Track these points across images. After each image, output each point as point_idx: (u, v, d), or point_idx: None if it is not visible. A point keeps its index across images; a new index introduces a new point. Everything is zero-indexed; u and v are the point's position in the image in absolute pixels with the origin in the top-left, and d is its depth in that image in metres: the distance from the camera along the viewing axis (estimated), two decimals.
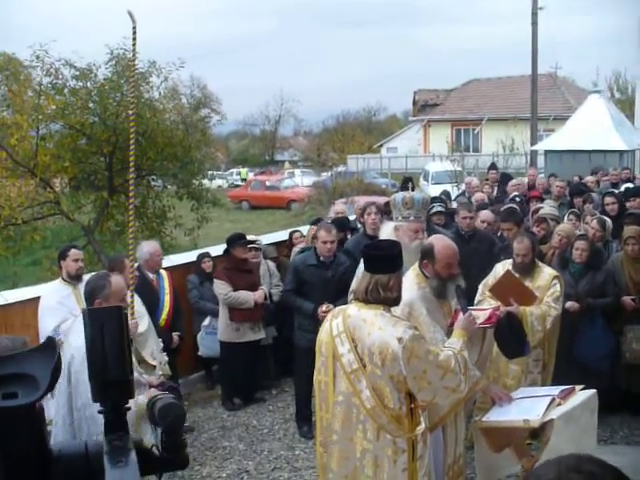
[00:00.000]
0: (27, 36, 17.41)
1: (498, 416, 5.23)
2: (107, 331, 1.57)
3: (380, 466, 4.52)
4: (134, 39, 6.15)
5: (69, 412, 4.91)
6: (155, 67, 15.35)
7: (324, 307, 7.61)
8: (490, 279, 7.04)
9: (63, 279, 7.52)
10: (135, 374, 5.05)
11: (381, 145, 60.01)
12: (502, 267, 7.07)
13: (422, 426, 4.56)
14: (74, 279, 7.36)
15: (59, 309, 7.06)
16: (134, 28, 6.10)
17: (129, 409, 1.60)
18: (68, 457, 1.48)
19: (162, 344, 7.25)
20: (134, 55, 6.55)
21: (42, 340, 4.93)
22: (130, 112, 7.25)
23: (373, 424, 4.49)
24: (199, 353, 9.65)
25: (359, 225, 10.01)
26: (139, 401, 5.00)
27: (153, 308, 7.83)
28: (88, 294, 5.13)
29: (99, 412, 1.59)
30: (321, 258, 8.06)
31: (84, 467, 1.50)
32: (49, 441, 1.44)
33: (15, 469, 1.39)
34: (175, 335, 8.27)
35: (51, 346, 1.49)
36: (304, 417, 8.31)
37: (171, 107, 16.70)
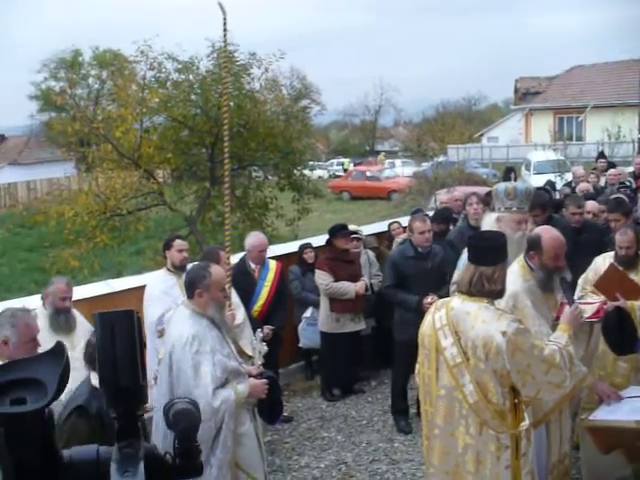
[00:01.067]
0: (132, 32, 17.78)
1: (606, 415, 5.05)
2: (118, 335, 1.53)
3: (482, 462, 4.42)
4: (224, 30, 6.21)
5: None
6: (255, 58, 15.46)
7: (429, 298, 7.49)
8: (590, 273, 6.73)
9: (167, 269, 7.64)
10: (235, 363, 5.14)
11: (482, 135, 59.15)
12: (602, 260, 6.77)
13: (526, 422, 4.46)
14: (178, 269, 7.44)
15: (163, 299, 7.18)
16: (224, 19, 6.16)
17: (142, 415, 1.56)
18: (78, 464, 1.47)
19: (261, 334, 7.27)
20: (225, 45, 6.61)
21: (147, 328, 5.03)
22: (223, 102, 7.29)
23: (476, 419, 4.39)
24: (300, 344, 9.66)
25: (459, 216, 9.84)
26: (239, 390, 5.06)
27: (249, 299, 7.86)
28: (188, 284, 5.19)
29: (113, 418, 1.55)
30: (419, 249, 7.95)
31: (94, 474, 1.47)
32: (59, 447, 1.41)
33: (25, 476, 1.39)
34: (267, 328, 8.10)
35: (59, 351, 1.46)
36: (400, 410, 8.25)
37: (272, 98, 16.79)
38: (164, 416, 1.69)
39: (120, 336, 1.53)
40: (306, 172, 17.10)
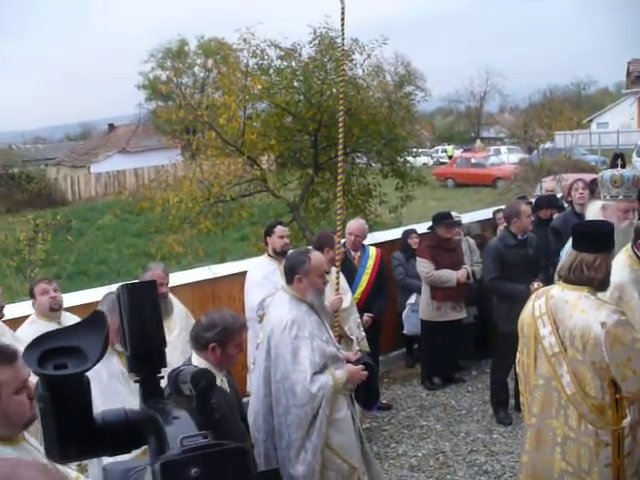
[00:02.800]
0: (236, 21, 17.91)
1: None
2: (146, 304, 1.61)
3: (581, 456, 4.30)
4: (342, 19, 6.17)
5: (265, 384, 5.02)
6: (358, 45, 15.40)
7: (535, 284, 7.36)
8: None
9: (269, 255, 7.72)
10: (333, 349, 5.15)
11: (591, 120, 57.72)
12: None
13: (628, 419, 4.29)
14: (280, 255, 7.51)
15: (264, 284, 7.24)
16: (342, 9, 6.12)
17: (163, 378, 1.64)
18: (110, 424, 1.52)
19: (359, 320, 7.29)
20: (343, 35, 6.57)
21: (248, 313, 5.10)
22: (340, 92, 7.26)
23: (574, 411, 4.28)
24: (404, 331, 9.63)
25: (566, 204, 9.62)
26: (337, 376, 5.08)
27: (349, 285, 7.88)
28: (288, 269, 5.23)
29: (135, 382, 1.63)
30: (518, 236, 7.82)
31: (125, 433, 1.54)
32: (92, 410, 1.50)
33: (64, 436, 1.46)
34: (366, 316, 8.11)
35: (99, 320, 1.53)
36: (500, 402, 8.14)
37: (375, 84, 16.72)
38: (169, 381, 1.74)
39: (147, 305, 1.62)
40: (410, 159, 16.95)
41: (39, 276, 12.60)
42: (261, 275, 7.47)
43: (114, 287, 7.92)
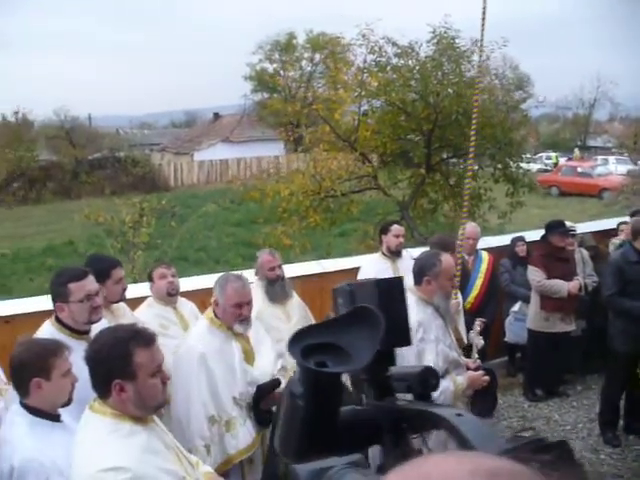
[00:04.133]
0: (350, 16, 17.90)
1: None
2: (395, 300, 1.56)
3: None
4: (483, 19, 6.06)
5: None
6: (477, 45, 15.16)
7: None
8: None
9: (383, 253, 7.70)
10: (455, 354, 5.07)
11: None
12: None
13: None
14: (394, 254, 7.52)
15: None
16: (484, 9, 6.01)
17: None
18: (346, 422, 1.52)
19: (478, 327, 7.15)
20: (482, 36, 6.46)
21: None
22: (474, 97, 7.14)
23: None
24: (505, 339, 9.48)
25: None
26: (458, 381, 4.99)
27: (461, 290, 7.76)
28: (417, 270, 5.16)
29: (365, 380, 1.57)
30: None
31: (358, 431, 1.54)
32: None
33: (312, 430, 1.46)
34: (480, 321, 7.96)
35: (372, 320, 1.46)
36: (609, 422, 7.87)
37: (489, 87, 16.48)
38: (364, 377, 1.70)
39: (396, 300, 1.58)
40: (523, 165, 16.63)
41: (141, 259, 12.88)
42: (374, 273, 7.40)
43: (214, 275, 8.03)
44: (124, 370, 3.01)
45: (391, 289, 1.58)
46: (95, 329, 4.12)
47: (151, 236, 19.51)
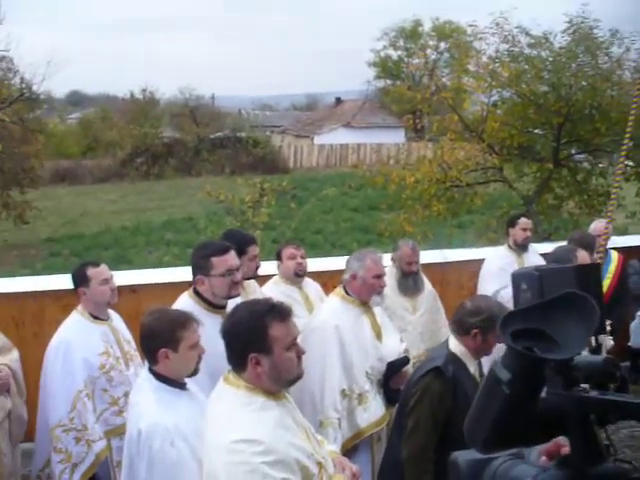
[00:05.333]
0: (492, 4, 17.53)
1: None
2: (593, 286, 1.47)
3: None
4: None
5: None
6: (617, 37, 14.62)
7: None
8: None
9: (509, 246, 7.59)
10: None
11: None
12: None
13: None
14: (520, 247, 7.43)
15: (501, 275, 7.06)
16: None
17: None
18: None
19: (609, 327, 6.92)
20: None
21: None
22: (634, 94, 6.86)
23: None
24: (629, 343, 9.14)
25: None
26: None
27: None
28: (553, 263, 5.04)
29: (552, 369, 1.48)
30: None
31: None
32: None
33: (511, 420, 1.41)
34: (609, 321, 7.71)
35: (588, 311, 1.36)
36: None
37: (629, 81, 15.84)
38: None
39: (592, 287, 1.50)
40: None
41: (259, 239, 13.00)
42: (498, 266, 7.32)
43: (333, 258, 8.02)
44: (260, 344, 3.03)
45: (590, 275, 1.50)
46: (230, 304, 4.16)
47: (270, 216, 19.75)
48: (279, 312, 3.09)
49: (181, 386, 3.79)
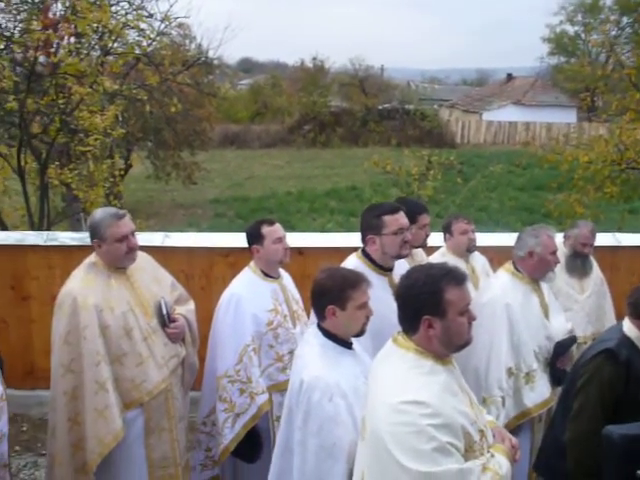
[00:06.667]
0: None
1: None
2: None
3: None
4: None
5: None
6: None
7: None
8: None
9: None
10: None
11: None
12: None
13: None
14: None
15: None
16: None
17: None
18: None
19: None
20: None
21: None
22: None
23: None
24: None
25: None
26: None
27: None
28: None
29: None
30: None
31: None
32: None
33: None
34: None
35: None
36: None
37: None
38: None
39: None
40: None
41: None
42: None
43: (496, 234, 7.89)
44: (434, 307, 3.05)
45: None
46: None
47: (435, 190, 19.66)
48: (455, 276, 3.12)
49: (347, 345, 3.86)
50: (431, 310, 3.05)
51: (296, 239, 6.98)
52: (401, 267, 4.69)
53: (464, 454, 2.96)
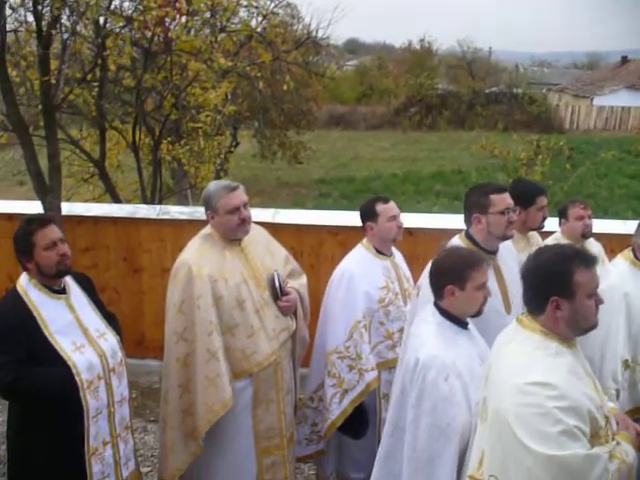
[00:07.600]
0: None
1: None
2: None
3: None
4: None
5: None
6: None
7: None
8: None
9: None
10: None
11: None
12: None
13: None
14: None
15: None
16: None
17: None
18: None
19: None
20: None
21: None
22: None
23: None
24: None
25: None
26: None
27: None
28: None
29: None
30: None
31: None
32: None
33: None
34: None
35: None
36: None
37: None
38: None
39: None
40: None
41: None
42: None
43: (610, 221, 7.66)
44: (564, 288, 3.02)
45: None
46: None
47: (543, 175, 19.28)
48: (585, 259, 3.08)
49: (463, 325, 3.85)
50: (560, 291, 3.03)
51: (406, 219, 6.97)
52: (506, 249, 4.63)
53: (589, 440, 2.91)
